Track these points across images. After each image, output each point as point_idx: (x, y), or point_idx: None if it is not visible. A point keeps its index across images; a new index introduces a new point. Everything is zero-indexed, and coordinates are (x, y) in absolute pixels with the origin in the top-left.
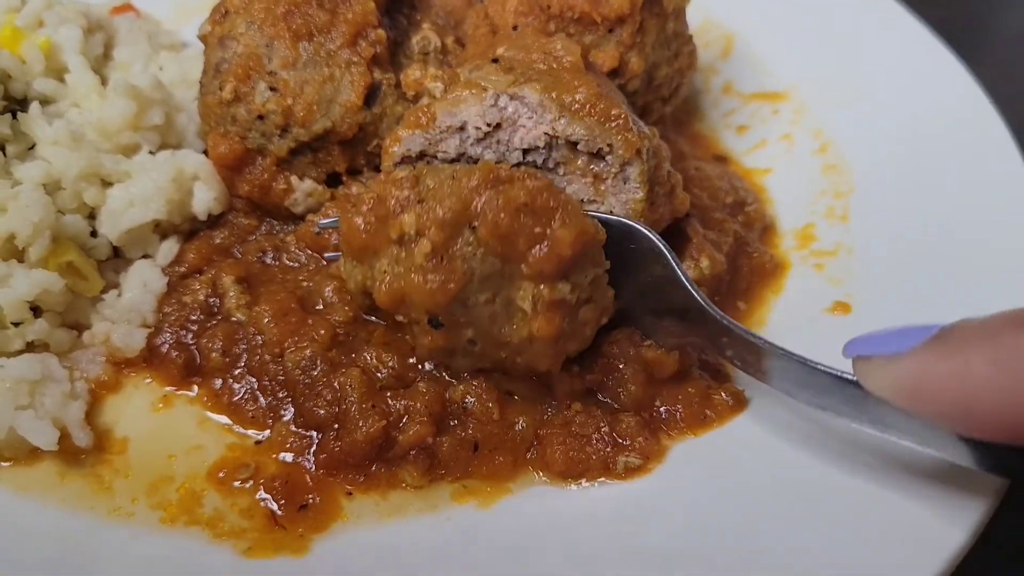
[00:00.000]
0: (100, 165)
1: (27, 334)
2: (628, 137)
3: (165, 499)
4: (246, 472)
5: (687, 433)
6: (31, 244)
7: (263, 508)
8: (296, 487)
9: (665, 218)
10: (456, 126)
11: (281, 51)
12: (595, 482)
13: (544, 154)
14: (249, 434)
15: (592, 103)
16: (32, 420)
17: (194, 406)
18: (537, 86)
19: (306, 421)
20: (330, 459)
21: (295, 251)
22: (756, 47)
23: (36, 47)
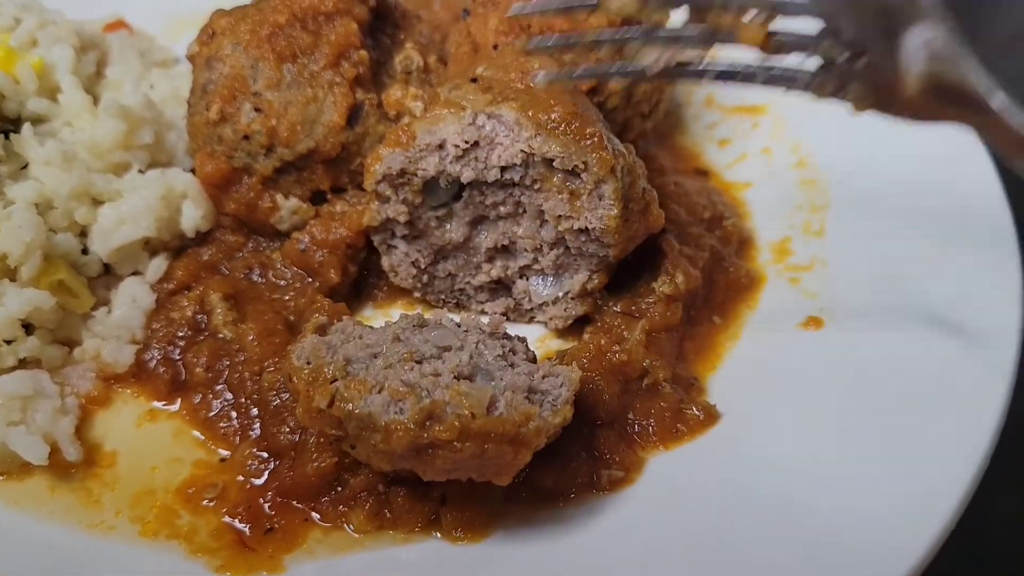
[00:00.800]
0: (91, 184)
1: (19, 351)
2: (603, 155)
3: (145, 512)
4: (213, 492)
5: (659, 447)
6: (23, 263)
7: (231, 530)
8: (258, 513)
9: (639, 234)
10: (435, 144)
11: (266, 72)
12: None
13: (521, 171)
14: (217, 450)
15: (568, 121)
16: (23, 435)
17: (174, 420)
18: (514, 105)
19: (268, 445)
20: (281, 487)
21: (281, 268)
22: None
23: (30, 67)
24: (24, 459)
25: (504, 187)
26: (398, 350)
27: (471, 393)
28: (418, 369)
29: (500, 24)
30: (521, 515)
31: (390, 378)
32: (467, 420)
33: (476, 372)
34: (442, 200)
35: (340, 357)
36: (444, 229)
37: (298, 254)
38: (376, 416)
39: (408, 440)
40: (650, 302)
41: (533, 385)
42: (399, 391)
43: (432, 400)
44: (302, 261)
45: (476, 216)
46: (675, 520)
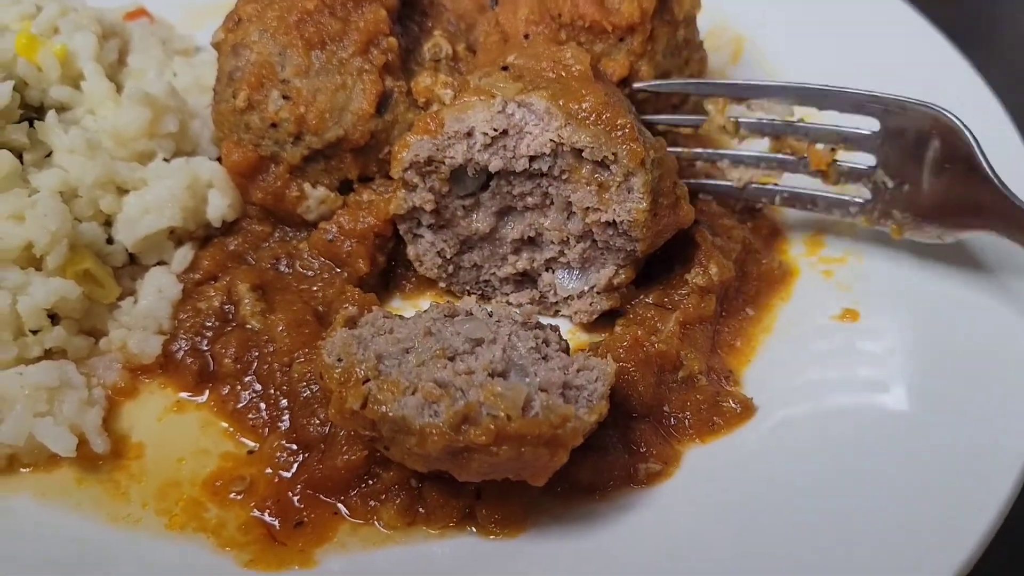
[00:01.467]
0: (116, 173)
1: (45, 341)
2: (633, 147)
3: (172, 505)
4: (241, 485)
5: (695, 440)
6: (49, 252)
7: (260, 524)
8: (288, 507)
9: (668, 229)
10: (464, 132)
11: (294, 59)
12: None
13: (549, 161)
14: (244, 442)
15: (599, 112)
16: (51, 427)
17: (202, 411)
18: (545, 93)
19: (298, 437)
20: (310, 480)
21: (308, 258)
22: (766, 51)
23: (52, 55)
24: (52, 451)
25: (532, 177)
26: (430, 345)
27: (506, 394)
28: (451, 367)
29: (531, 13)
30: (557, 510)
31: (423, 377)
32: (503, 423)
33: (510, 368)
34: (469, 190)
35: (371, 354)
36: (471, 219)
37: (325, 244)
38: (410, 419)
39: (443, 444)
40: (683, 294)
41: (568, 380)
42: (433, 392)
43: (467, 402)
44: (330, 251)
45: (503, 207)
46: (713, 515)
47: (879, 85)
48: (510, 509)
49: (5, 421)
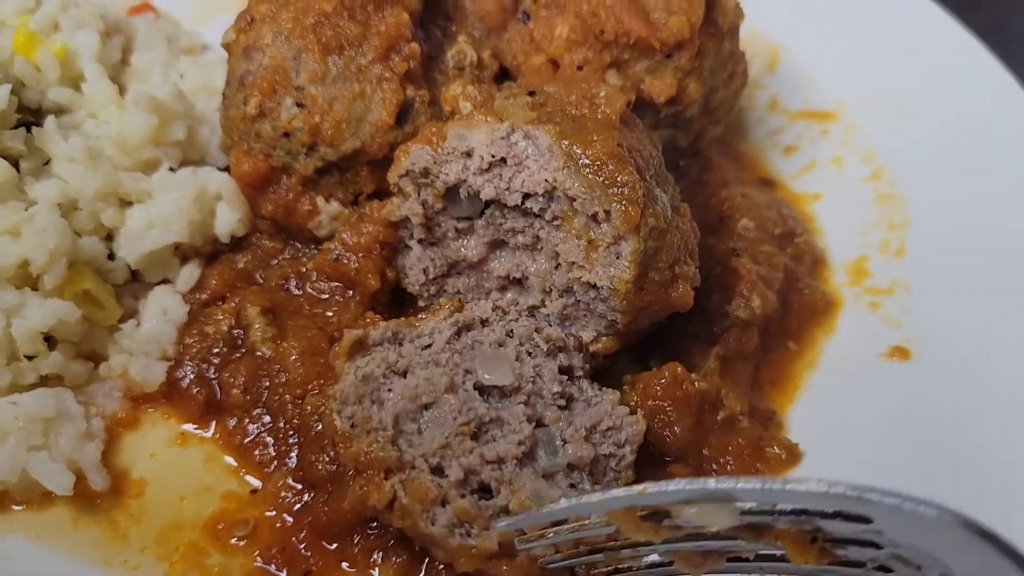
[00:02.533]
0: (119, 184)
1: (41, 367)
2: (628, 210)
3: (172, 551)
4: (244, 529)
5: None
6: (46, 272)
7: (265, 575)
8: (294, 555)
9: (655, 309)
10: (463, 150)
11: (309, 65)
12: None
13: (543, 202)
14: (248, 480)
15: (602, 161)
16: (46, 462)
17: (206, 445)
18: (554, 129)
19: (305, 475)
20: (314, 523)
21: (318, 281)
22: (804, 60)
23: (52, 54)
24: (46, 488)
25: (526, 215)
26: (451, 407)
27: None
28: (477, 451)
29: (571, 32)
30: None
31: (450, 466)
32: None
33: (537, 445)
34: (465, 212)
35: (388, 417)
36: (461, 243)
37: (332, 265)
38: (440, 538)
39: (472, 567)
40: (723, 327)
41: (598, 452)
42: (467, 512)
43: (500, 532)
44: (337, 272)
45: (495, 239)
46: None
47: (927, 102)
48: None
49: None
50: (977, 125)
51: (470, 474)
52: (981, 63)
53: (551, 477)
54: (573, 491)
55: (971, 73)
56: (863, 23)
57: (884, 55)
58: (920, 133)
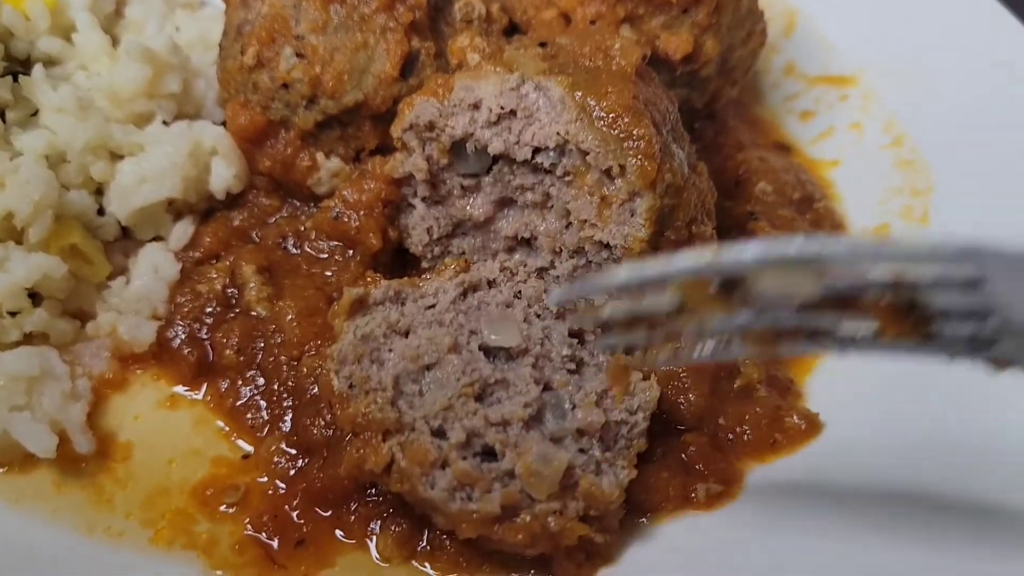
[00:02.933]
0: (109, 136)
1: (25, 324)
2: (644, 165)
3: (158, 517)
4: (234, 495)
5: (754, 459)
6: (31, 224)
7: (256, 543)
8: (286, 523)
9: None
10: (470, 102)
11: (310, 13)
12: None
13: (554, 157)
14: (240, 445)
15: (617, 114)
16: (28, 423)
17: (196, 407)
18: (566, 80)
19: (299, 440)
20: (308, 489)
21: (317, 240)
22: (821, 24)
23: (42, 3)
24: (27, 450)
25: (535, 171)
26: (455, 368)
27: (544, 472)
28: (481, 412)
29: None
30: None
31: (452, 428)
32: (542, 521)
33: (545, 408)
34: (471, 169)
35: (387, 377)
36: (468, 201)
37: (331, 224)
38: (440, 503)
39: (474, 532)
40: None
41: (609, 419)
42: (468, 474)
43: (505, 490)
44: (337, 231)
45: (503, 197)
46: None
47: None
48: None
49: None
50: (999, 91)
51: (473, 437)
52: (1004, 28)
53: (559, 441)
54: (583, 456)
55: (994, 39)
56: None
57: (904, 20)
58: (942, 99)
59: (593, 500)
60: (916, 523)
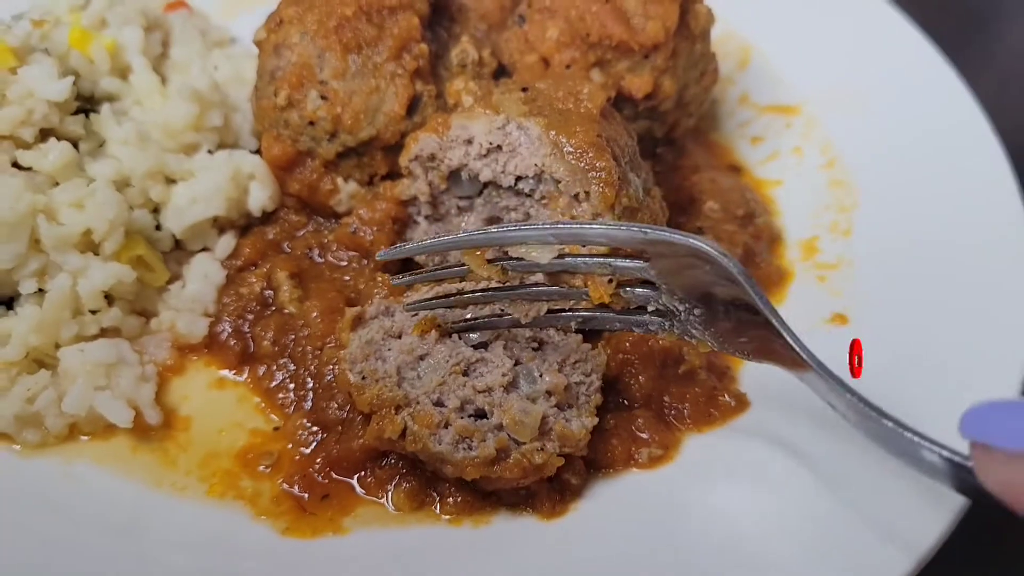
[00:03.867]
0: (165, 164)
1: (103, 321)
2: (605, 191)
3: (211, 474)
4: (269, 459)
5: (692, 430)
6: (106, 239)
7: (290, 497)
8: (313, 482)
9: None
10: (465, 138)
11: (332, 62)
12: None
13: (533, 184)
14: (272, 418)
15: (583, 149)
16: (109, 400)
17: (239, 388)
18: (542, 122)
19: (318, 418)
20: (327, 458)
21: (338, 250)
22: (772, 59)
23: (103, 48)
24: (109, 421)
25: (518, 195)
26: (442, 355)
27: (525, 420)
28: (469, 384)
29: (561, 34)
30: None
31: (449, 399)
32: (529, 457)
33: (519, 377)
34: (466, 192)
35: (392, 368)
36: (462, 219)
37: (350, 237)
38: (448, 454)
39: (477, 473)
40: None
41: (570, 381)
42: (467, 429)
43: (497, 438)
44: (354, 243)
45: (492, 216)
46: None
47: (877, 100)
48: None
49: (69, 393)
50: (924, 122)
51: (466, 403)
52: (931, 66)
53: (534, 401)
54: (554, 409)
55: (921, 75)
56: (827, 27)
57: (845, 57)
58: (872, 127)
59: (566, 439)
60: (824, 477)
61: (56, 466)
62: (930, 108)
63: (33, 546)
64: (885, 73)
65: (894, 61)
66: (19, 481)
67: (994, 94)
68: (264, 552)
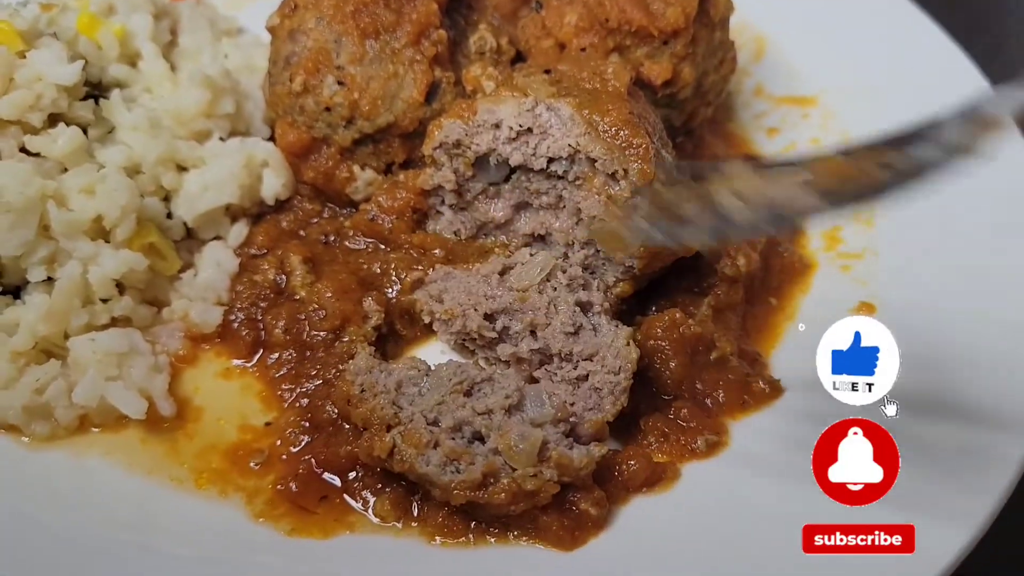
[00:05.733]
0: (176, 151)
1: (114, 309)
2: (644, 167)
3: (205, 467)
4: (259, 457)
5: (727, 417)
6: (118, 225)
7: (287, 497)
8: (308, 482)
9: (666, 255)
10: (492, 123)
11: (349, 47)
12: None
13: (566, 165)
14: (266, 414)
15: (619, 127)
16: (121, 390)
17: (245, 377)
18: (573, 101)
19: (312, 417)
20: (315, 460)
21: (354, 236)
22: (787, 50)
23: (112, 34)
24: (120, 412)
25: (549, 178)
26: (447, 372)
27: (521, 446)
28: (469, 404)
29: (579, 20)
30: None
31: (443, 418)
32: (520, 482)
33: (524, 399)
34: (492, 178)
35: (392, 382)
36: (489, 206)
37: (367, 224)
38: (434, 476)
39: (464, 498)
40: (712, 282)
41: (593, 382)
42: (455, 451)
43: (487, 461)
44: (372, 230)
45: (520, 200)
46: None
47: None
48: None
49: (80, 384)
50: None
51: (463, 424)
52: (947, 55)
53: (540, 426)
54: (562, 437)
55: (937, 64)
56: (843, 18)
57: (860, 48)
58: (889, 118)
59: (564, 468)
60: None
61: (65, 459)
62: (947, 98)
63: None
64: (901, 64)
65: (910, 52)
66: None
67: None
68: (270, 550)
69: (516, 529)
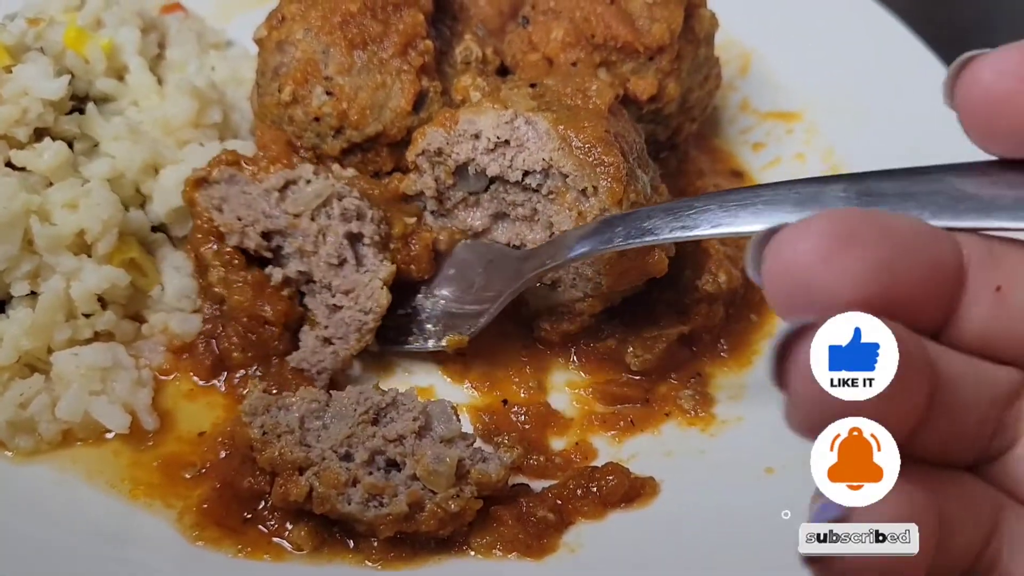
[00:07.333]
0: (160, 155)
1: (97, 324)
2: (613, 186)
3: (142, 478)
4: (192, 471)
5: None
6: (99, 240)
7: (215, 513)
8: (231, 502)
9: (633, 274)
10: (472, 133)
11: (337, 58)
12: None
13: (540, 179)
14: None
15: (591, 144)
16: (105, 405)
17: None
18: (551, 116)
19: (235, 437)
20: (222, 482)
21: None
22: (773, 66)
23: (99, 48)
24: (103, 427)
25: (525, 190)
26: (349, 401)
27: (439, 469)
28: (379, 434)
29: (566, 35)
30: None
31: (357, 452)
32: (444, 507)
33: (431, 418)
34: (472, 188)
35: (294, 420)
36: (468, 215)
37: None
38: (358, 513)
39: (391, 531)
40: (693, 299)
41: (344, 316)
42: (375, 486)
43: (409, 490)
44: None
45: (498, 211)
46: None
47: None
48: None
49: (63, 398)
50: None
51: (376, 454)
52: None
53: (450, 443)
54: (469, 450)
55: (921, 80)
56: (828, 34)
57: (845, 64)
58: (873, 134)
59: (483, 485)
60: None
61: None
62: (931, 115)
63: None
64: (885, 80)
65: (894, 68)
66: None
67: None
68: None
69: (481, 543)
